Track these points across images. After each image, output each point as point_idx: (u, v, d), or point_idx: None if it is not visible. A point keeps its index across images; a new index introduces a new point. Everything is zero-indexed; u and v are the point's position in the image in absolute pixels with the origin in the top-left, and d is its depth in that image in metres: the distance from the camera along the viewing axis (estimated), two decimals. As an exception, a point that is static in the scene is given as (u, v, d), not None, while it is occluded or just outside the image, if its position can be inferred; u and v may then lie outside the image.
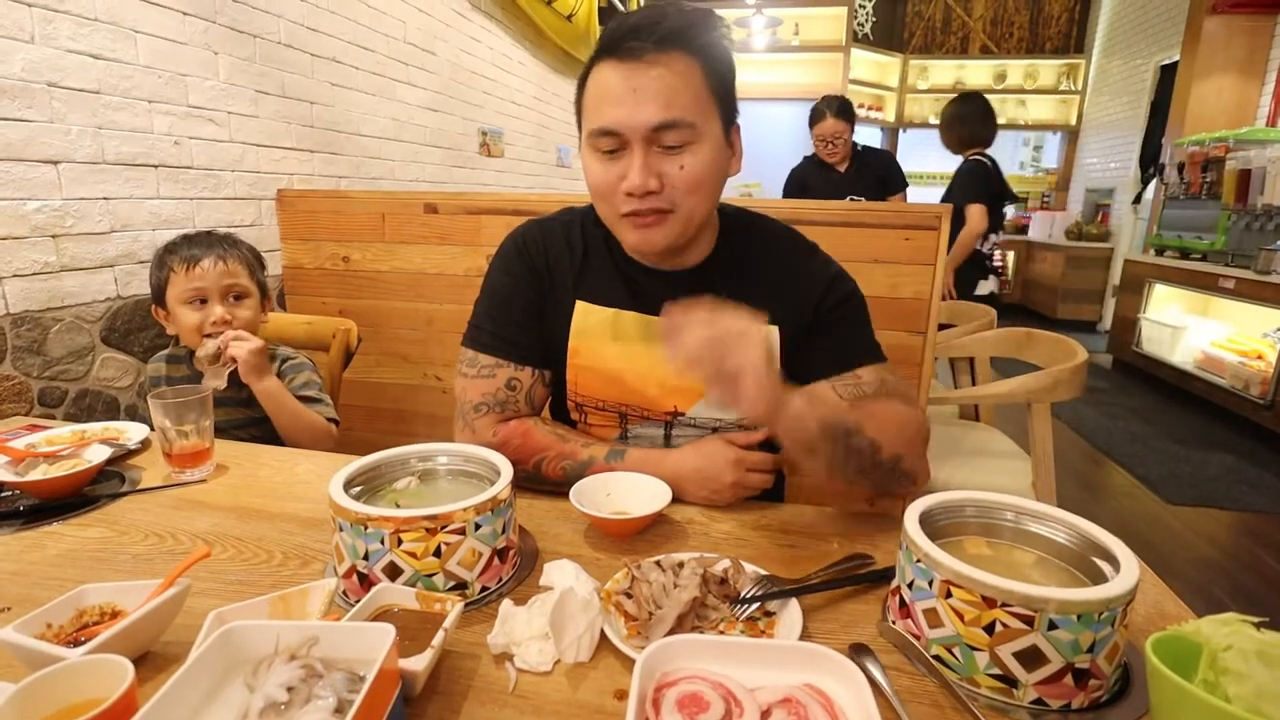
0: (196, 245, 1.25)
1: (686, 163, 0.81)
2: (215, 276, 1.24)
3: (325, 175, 2.27)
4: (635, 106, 0.79)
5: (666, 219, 0.84)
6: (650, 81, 0.78)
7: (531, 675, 0.56)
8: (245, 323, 1.26)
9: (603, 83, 0.82)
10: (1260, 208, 3.65)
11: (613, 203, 0.85)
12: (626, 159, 0.82)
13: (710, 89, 0.82)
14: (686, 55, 0.80)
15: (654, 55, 0.78)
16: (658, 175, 0.81)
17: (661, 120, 0.79)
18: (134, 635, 0.56)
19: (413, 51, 2.73)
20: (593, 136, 0.83)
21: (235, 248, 1.29)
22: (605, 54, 0.81)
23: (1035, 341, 1.79)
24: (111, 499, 0.90)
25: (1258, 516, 2.59)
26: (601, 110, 0.81)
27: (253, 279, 1.30)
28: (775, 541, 0.80)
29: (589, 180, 0.87)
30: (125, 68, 1.56)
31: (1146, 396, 4.17)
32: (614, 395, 0.95)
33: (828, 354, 0.92)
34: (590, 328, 0.94)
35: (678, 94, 0.79)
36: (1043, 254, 6.61)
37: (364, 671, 0.47)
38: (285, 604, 0.59)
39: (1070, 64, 6.91)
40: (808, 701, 0.47)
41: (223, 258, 1.25)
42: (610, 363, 0.94)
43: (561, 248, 0.96)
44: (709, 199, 0.86)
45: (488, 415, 0.94)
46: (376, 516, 0.62)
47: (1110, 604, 0.51)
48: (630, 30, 0.79)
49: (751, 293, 0.88)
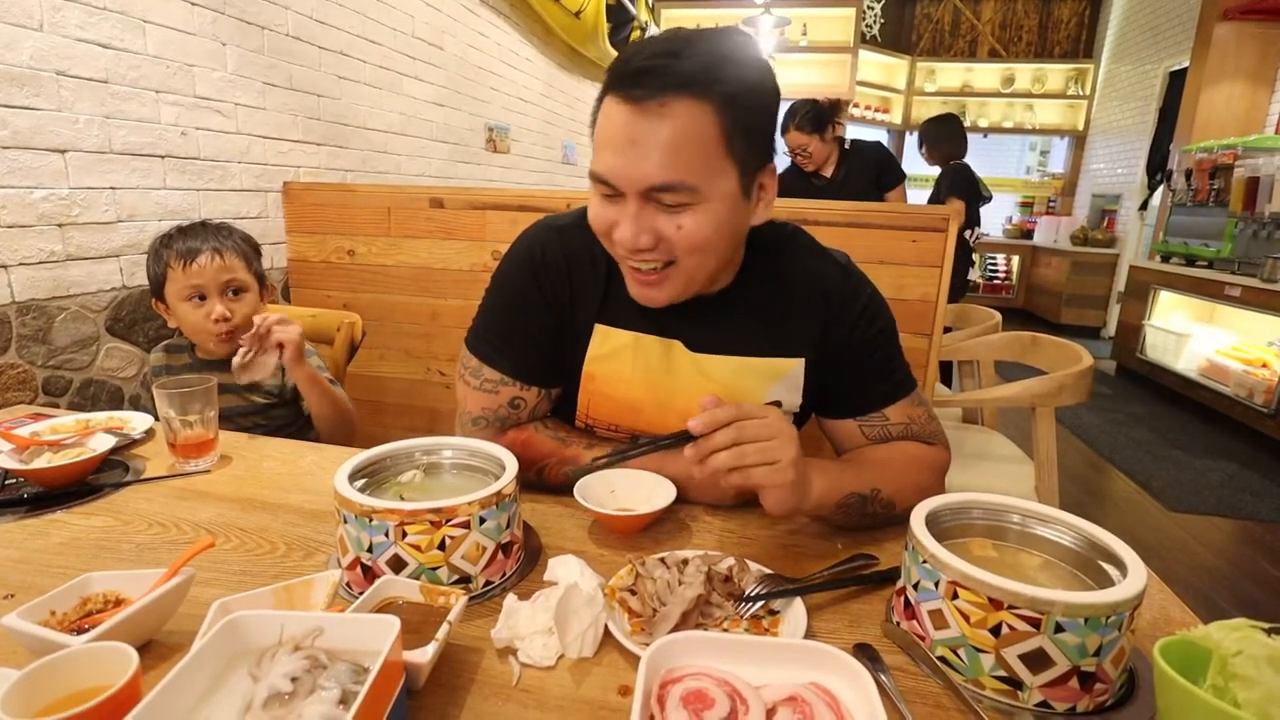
0: (192, 238, 1.23)
1: (685, 224, 0.73)
2: (213, 272, 1.22)
3: (331, 168, 2.27)
4: (632, 161, 0.70)
5: (668, 275, 0.77)
6: (649, 135, 0.69)
7: (535, 670, 0.56)
8: (245, 317, 1.24)
9: (610, 121, 0.72)
10: (1268, 215, 3.64)
11: (609, 245, 0.79)
12: (620, 209, 0.74)
13: (725, 140, 0.71)
14: (701, 103, 0.69)
15: (660, 105, 0.68)
16: (651, 232, 0.73)
17: (657, 183, 0.70)
18: (138, 623, 0.56)
19: (420, 46, 2.72)
20: (592, 178, 0.76)
21: (230, 239, 1.26)
22: (614, 87, 0.72)
23: (1040, 346, 1.79)
24: (115, 488, 0.90)
25: (1261, 525, 2.59)
26: (602, 154, 0.73)
27: (250, 270, 1.28)
28: (780, 540, 0.80)
29: (590, 217, 0.80)
30: (133, 57, 1.56)
31: (1150, 403, 4.16)
32: (628, 422, 0.91)
33: (855, 393, 0.88)
34: (609, 354, 0.88)
35: (680, 153, 0.69)
36: (1048, 259, 6.60)
37: (368, 663, 0.47)
38: (289, 595, 0.59)
39: (1079, 68, 6.89)
40: (813, 700, 0.46)
41: (219, 251, 1.23)
42: (628, 390, 0.89)
43: (585, 266, 0.88)
44: (715, 256, 0.78)
45: (485, 429, 0.90)
46: (381, 509, 0.62)
47: (1117, 608, 0.51)
48: (640, 72, 0.69)
49: (777, 320, 0.87)
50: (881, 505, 0.79)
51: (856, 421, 0.88)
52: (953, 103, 7.22)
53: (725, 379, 0.87)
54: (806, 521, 0.84)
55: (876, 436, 0.87)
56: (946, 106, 7.24)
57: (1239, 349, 3.76)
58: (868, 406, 0.87)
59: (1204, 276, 3.94)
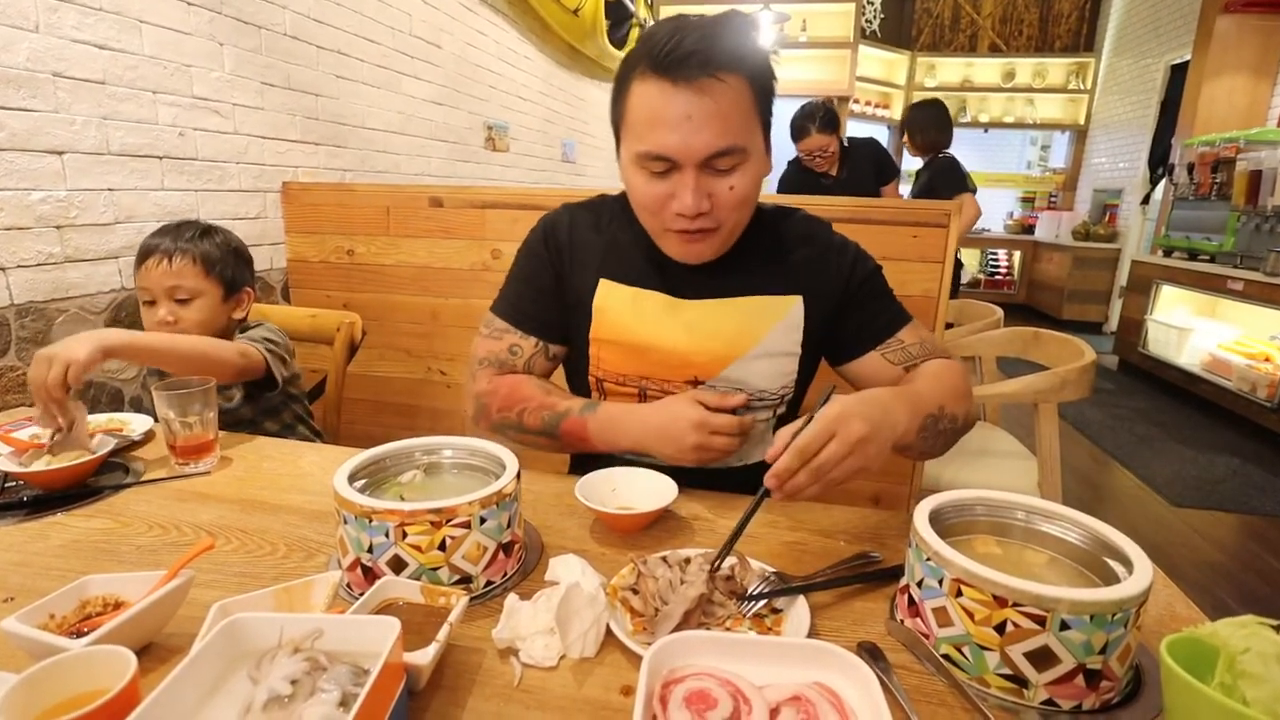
0: (159, 236, 1.21)
1: (736, 183, 0.83)
2: (158, 276, 1.18)
3: (330, 168, 2.26)
4: (691, 134, 0.79)
5: (713, 235, 0.87)
6: (706, 109, 0.78)
7: (537, 670, 0.56)
8: (192, 323, 1.19)
9: (652, 102, 0.80)
10: (1270, 209, 3.63)
11: (660, 218, 0.86)
12: (677, 180, 0.83)
13: (757, 107, 0.83)
14: (739, 77, 0.80)
15: (708, 81, 0.78)
16: (708, 196, 0.83)
17: (719, 149, 0.80)
18: (137, 626, 0.55)
19: (418, 44, 2.72)
20: (643, 159, 0.83)
21: (192, 242, 1.21)
22: (657, 70, 0.79)
23: (1042, 341, 1.78)
24: (115, 490, 0.89)
25: (1264, 519, 2.58)
26: (655, 134, 0.80)
27: (209, 276, 1.22)
28: (782, 538, 0.79)
29: (634, 194, 0.88)
30: (130, 58, 1.56)
31: (1152, 398, 4.16)
32: (635, 368, 0.96)
33: (869, 327, 0.95)
34: (612, 305, 0.96)
35: (732, 120, 0.80)
36: (1049, 254, 6.58)
37: (368, 665, 0.47)
38: (289, 596, 0.59)
39: (1080, 62, 6.87)
40: (817, 700, 0.46)
41: (169, 255, 1.18)
42: (632, 335, 0.95)
43: (588, 230, 0.99)
44: (751, 209, 0.90)
45: (488, 369, 0.99)
46: (381, 509, 0.62)
47: (1123, 605, 0.50)
48: (686, 53, 0.77)
49: (777, 274, 0.95)
50: (948, 420, 0.83)
51: (879, 351, 0.94)
52: (953, 98, 7.19)
53: (725, 320, 0.94)
54: (809, 520, 0.84)
55: (901, 360, 0.93)
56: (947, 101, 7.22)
57: (1242, 343, 3.75)
58: (884, 332, 0.94)
59: (1206, 271, 3.93)
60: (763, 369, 0.94)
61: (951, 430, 0.84)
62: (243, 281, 1.29)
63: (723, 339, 0.93)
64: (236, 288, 1.28)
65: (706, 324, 0.93)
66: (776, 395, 0.96)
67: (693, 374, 0.94)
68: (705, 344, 0.93)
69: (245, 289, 1.30)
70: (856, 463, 0.68)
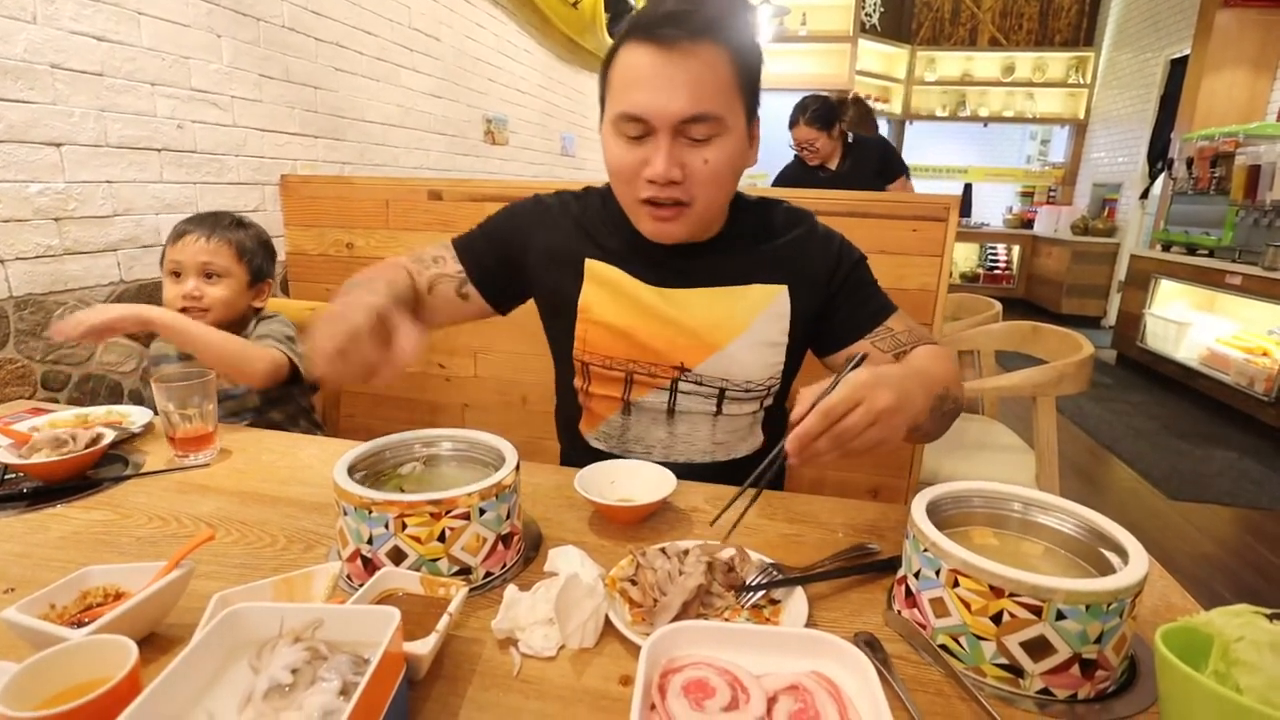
0: (193, 222, 1.27)
1: (710, 156, 0.82)
2: (193, 252, 1.24)
3: (329, 161, 2.25)
4: (666, 95, 0.78)
5: (684, 212, 0.86)
6: (682, 71, 0.78)
7: (536, 660, 0.56)
8: (217, 301, 1.25)
9: (633, 65, 0.81)
10: (1269, 204, 3.63)
11: (633, 186, 0.85)
12: (651, 146, 0.82)
13: (738, 82, 0.82)
14: (720, 46, 0.79)
15: (688, 44, 0.78)
16: (681, 165, 0.82)
17: (692, 113, 0.79)
18: (138, 616, 0.55)
19: (417, 37, 2.71)
20: (619, 120, 0.82)
21: (229, 229, 1.28)
22: (638, 34, 0.80)
23: (1040, 335, 1.78)
24: (115, 482, 0.90)
25: (1261, 513, 2.59)
26: (630, 94, 0.81)
27: (240, 261, 1.28)
28: (781, 530, 0.80)
29: (609, 161, 0.87)
30: (128, 49, 1.55)
31: (1150, 392, 4.16)
32: (621, 351, 0.95)
33: (857, 316, 0.94)
34: (600, 285, 0.95)
35: (708, 86, 0.79)
36: (1048, 248, 6.58)
37: (368, 654, 0.47)
38: (289, 587, 0.59)
39: (1079, 57, 6.85)
40: (814, 689, 0.46)
41: (207, 235, 1.25)
42: (618, 319, 0.94)
43: (578, 216, 1.00)
44: (727, 191, 0.89)
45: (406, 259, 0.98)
46: (381, 501, 0.62)
47: (1119, 595, 0.51)
48: (667, 16, 0.78)
49: (762, 263, 0.95)
50: (950, 402, 0.81)
51: (868, 339, 0.93)
52: (953, 92, 7.19)
53: (710, 308, 0.93)
54: (807, 512, 0.84)
55: (890, 348, 0.92)
56: (947, 96, 7.21)
57: (1240, 337, 3.75)
58: (872, 320, 0.93)
59: (1205, 265, 3.93)
60: (749, 359, 0.94)
61: (952, 412, 0.83)
62: (266, 273, 1.35)
63: (708, 327, 0.93)
64: (260, 278, 1.33)
65: (692, 312, 0.93)
66: (763, 386, 0.96)
67: (679, 360, 0.94)
68: (691, 332, 0.93)
69: (267, 280, 1.36)
70: (880, 433, 0.64)
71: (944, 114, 7.24)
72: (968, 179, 7.51)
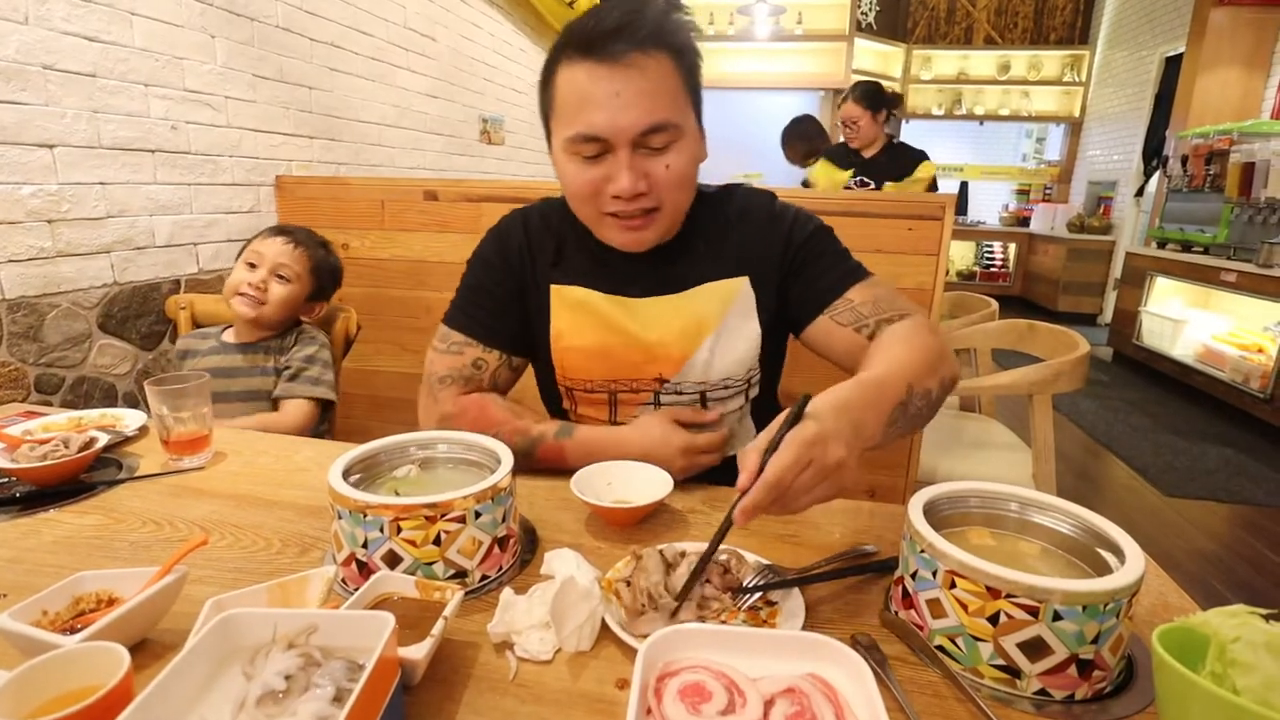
0: (285, 230, 1.42)
1: (671, 161, 0.82)
2: (277, 251, 1.37)
3: (324, 161, 2.25)
4: (622, 112, 0.78)
5: (655, 218, 0.86)
6: (635, 85, 0.78)
7: (532, 664, 0.56)
8: (277, 298, 1.36)
9: (580, 84, 0.80)
10: (1264, 201, 3.64)
11: (596, 204, 0.85)
12: (611, 163, 0.81)
13: (686, 84, 0.83)
14: (665, 54, 0.80)
15: (635, 56, 0.77)
16: (645, 176, 0.82)
17: (650, 124, 0.79)
18: (131, 622, 0.55)
19: (412, 37, 2.70)
20: (575, 142, 0.81)
21: (313, 246, 1.42)
22: (579, 53, 0.79)
23: (1037, 333, 1.78)
24: (109, 486, 0.89)
25: (1256, 510, 2.60)
26: (584, 115, 0.79)
27: (311, 275, 1.41)
28: (777, 531, 0.79)
29: (568, 183, 0.86)
30: (121, 50, 1.55)
31: (1146, 389, 4.17)
32: (601, 372, 0.95)
33: (813, 290, 0.92)
34: (567, 309, 0.95)
35: (662, 96, 0.80)
36: (1044, 246, 6.59)
37: (363, 660, 0.47)
38: (284, 592, 0.59)
39: (1075, 55, 6.86)
40: (811, 691, 0.46)
41: (295, 242, 1.39)
42: (593, 338, 0.94)
43: (542, 235, 0.97)
44: (690, 191, 0.89)
45: (451, 387, 0.95)
46: (376, 504, 0.62)
47: (1116, 595, 0.51)
48: (611, 31, 0.77)
49: (720, 258, 0.94)
50: (919, 399, 0.74)
51: (826, 315, 0.90)
52: (948, 90, 7.19)
53: (677, 314, 0.93)
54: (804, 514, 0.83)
55: (850, 321, 0.88)
56: (943, 95, 7.22)
57: (1235, 334, 3.77)
58: (829, 294, 0.90)
59: (1200, 262, 3.94)
60: (725, 356, 0.93)
61: (926, 405, 0.76)
62: (325, 296, 1.47)
63: (678, 334, 0.92)
64: (319, 297, 1.45)
65: (659, 321, 0.93)
66: (742, 380, 0.95)
67: (657, 371, 0.94)
68: (662, 341, 0.92)
69: (322, 302, 1.48)
70: (829, 491, 0.61)
71: (940, 112, 7.24)
72: (964, 177, 7.52)
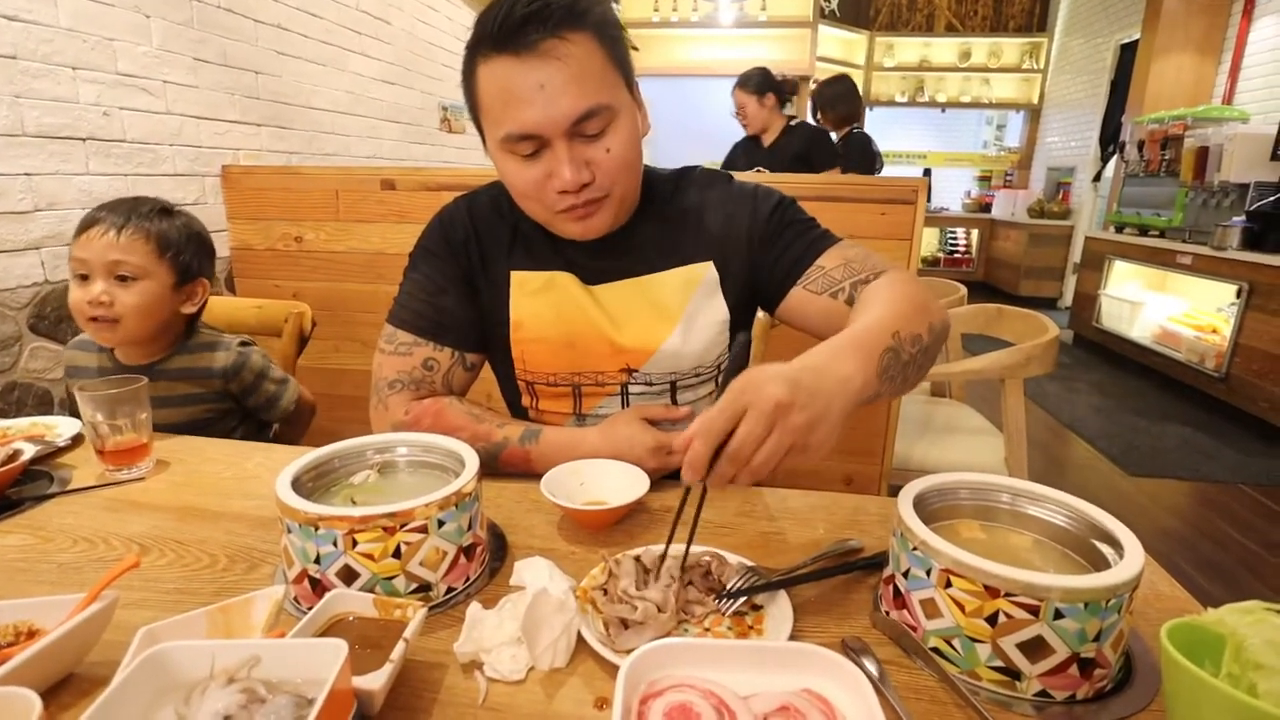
0: (106, 209, 1.07)
1: (611, 144, 0.78)
2: (100, 248, 1.03)
3: (274, 150, 2.15)
4: (549, 103, 0.73)
5: (604, 204, 0.82)
6: (558, 73, 0.73)
7: (503, 685, 0.52)
8: (130, 309, 1.05)
9: (502, 81, 0.75)
10: (1217, 185, 3.73)
11: (543, 201, 0.81)
12: (550, 157, 0.77)
13: (612, 60, 0.78)
14: (583, 33, 0.75)
15: (552, 43, 0.73)
16: (586, 165, 0.78)
17: (581, 111, 0.75)
18: (51, 658, 0.49)
19: (365, 20, 2.59)
20: (509, 142, 0.77)
21: (148, 219, 1.08)
22: (495, 48, 0.74)
23: (1005, 317, 1.79)
24: (37, 502, 0.82)
25: (1215, 486, 2.67)
26: (512, 113, 0.75)
27: (161, 258, 1.08)
28: (760, 528, 0.76)
29: (512, 184, 0.82)
30: (44, 30, 1.44)
31: (1106, 371, 4.27)
32: (564, 365, 0.91)
33: (783, 262, 0.88)
34: (529, 296, 0.90)
35: (589, 79, 0.75)
36: (1005, 232, 6.71)
37: (313, 694, 0.42)
38: (225, 617, 0.53)
39: (1033, 42, 6.96)
40: (807, 709, 0.43)
41: (118, 227, 1.04)
42: (555, 329, 0.89)
43: (492, 220, 0.92)
44: (637, 170, 0.85)
45: (401, 392, 0.89)
46: (329, 516, 0.57)
47: (1117, 590, 0.48)
48: (524, 19, 0.72)
49: (682, 238, 0.91)
50: (909, 344, 0.68)
51: (800, 286, 0.87)
52: (911, 78, 7.25)
53: (641, 302, 0.89)
54: (784, 507, 0.81)
55: (824, 288, 0.85)
56: (905, 82, 7.27)
57: (1190, 315, 3.87)
58: (800, 264, 0.87)
59: (1156, 246, 4.04)
60: (693, 343, 0.90)
61: (920, 352, 0.70)
62: (199, 272, 1.15)
63: (643, 322, 0.89)
64: (190, 277, 1.13)
65: (624, 309, 0.89)
66: (713, 366, 0.92)
67: (624, 361, 0.90)
68: (628, 329, 0.89)
69: (201, 280, 1.16)
70: (784, 439, 0.53)
71: (903, 99, 7.30)
72: (927, 164, 7.60)
